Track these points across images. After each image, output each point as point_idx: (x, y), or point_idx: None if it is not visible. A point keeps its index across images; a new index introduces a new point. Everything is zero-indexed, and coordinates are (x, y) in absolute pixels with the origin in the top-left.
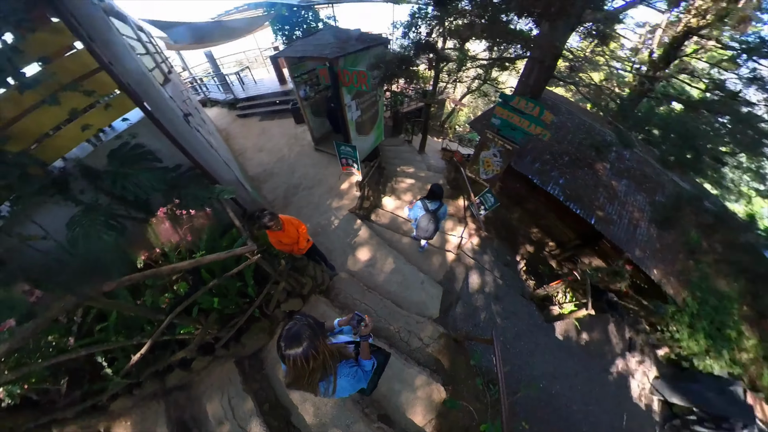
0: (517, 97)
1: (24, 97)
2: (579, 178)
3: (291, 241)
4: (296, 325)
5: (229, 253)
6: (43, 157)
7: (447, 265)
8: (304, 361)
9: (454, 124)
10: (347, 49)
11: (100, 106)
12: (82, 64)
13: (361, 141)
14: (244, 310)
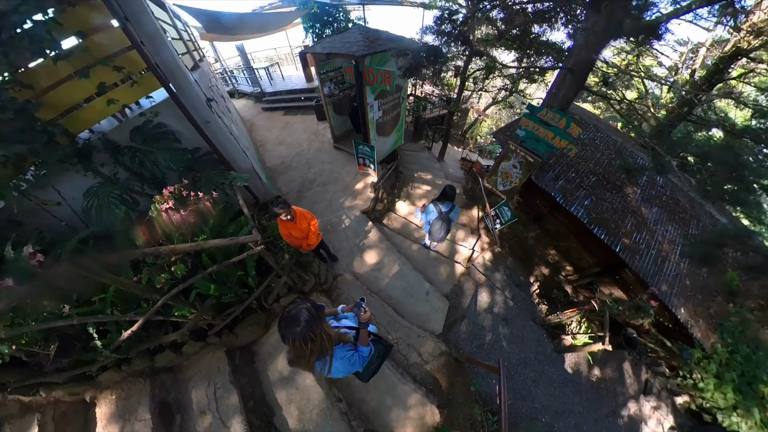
0: (545, 109)
1: (58, 68)
2: (606, 201)
3: (301, 234)
4: (296, 307)
5: (232, 241)
6: (71, 127)
7: (455, 277)
8: (302, 343)
9: (476, 135)
10: (374, 48)
11: (128, 84)
12: (116, 41)
13: (381, 142)
14: (242, 299)
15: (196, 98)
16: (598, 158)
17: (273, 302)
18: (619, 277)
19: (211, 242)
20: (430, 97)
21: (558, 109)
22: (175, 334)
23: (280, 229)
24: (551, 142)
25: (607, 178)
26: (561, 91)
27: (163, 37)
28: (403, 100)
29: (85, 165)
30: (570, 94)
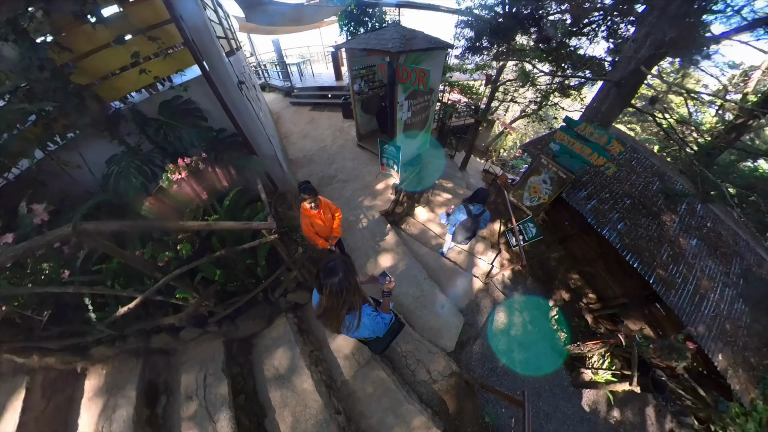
0: (584, 123)
1: (97, 34)
2: (641, 227)
3: (324, 227)
4: (334, 260)
5: (246, 225)
6: (103, 94)
7: (472, 293)
8: (338, 291)
9: (500, 147)
10: (410, 46)
11: (162, 57)
12: (155, 13)
13: (406, 144)
14: (248, 289)
15: (228, 79)
16: (634, 180)
17: (280, 296)
18: (648, 312)
19: (223, 224)
20: (458, 105)
21: (598, 124)
22: (174, 317)
23: (301, 218)
24: (588, 158)
25: (643, 202)
26: (603, 106)
27: (202, 14)
28: (432, 104)
29: (111, 132)
30: (614, 110)
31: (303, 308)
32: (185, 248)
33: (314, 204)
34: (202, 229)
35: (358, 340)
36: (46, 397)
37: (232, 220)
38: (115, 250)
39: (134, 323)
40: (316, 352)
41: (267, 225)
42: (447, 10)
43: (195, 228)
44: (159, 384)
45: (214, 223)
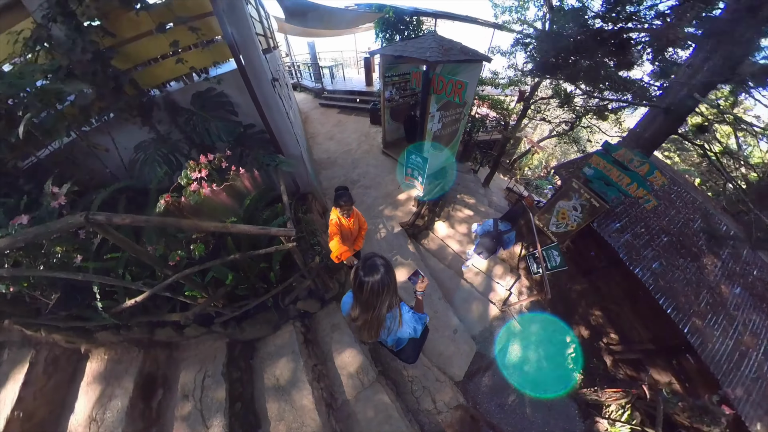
0: (624, 149)
1: (140, 20)
2: (678, 268)
3: (351, 236)
4: (373, 258)
5: (264, 230)
6: (141, 81)
7: (488, 319)
8: (379, 288)
9: (524, 166)
10: (449, 56)
11: (200, 49)
12: (199, 4)
13: (433, 156)
14: (258, 293)
15: (262, 75)
16: (673, 216)
17: (290, 303)
18: (678, 364)
19: (240, 227)
20: (487, 119)
21: (640, 151)
22: (180, 315)
23: (331, 224)
24: (625, 188)
25: (682, 241)
26: (647, 132)
27: (244, 9)
28: (464, 117)
29: (144, 119)
30: (658, 137)
31: (312, 317)
32: (198, 249)
33: (348, 213)
34: (218, 231)
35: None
36: (48, 374)
37: (251, 221)
38: (127, 244)
39: (140, 315)
40: (320, 366)
41: (285, 232)
42: (485, 23)
43: (211, 230)
44: (158, 377)
45: (230, 226)
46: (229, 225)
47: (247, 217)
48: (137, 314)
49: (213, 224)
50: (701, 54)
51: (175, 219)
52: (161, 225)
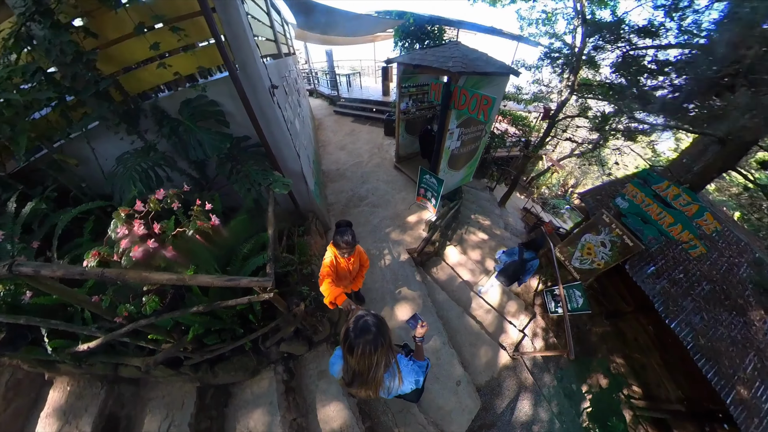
0: (666, 182)
1: (123, 20)
2: (722, 324)
3: (349, 275)
4: (363, 318)
5: (231, 282)
6: (127, 86)
7: (496, 368)
8: (373, 350)
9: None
10: (474, 68)
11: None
12: (188, 3)
13: (449, 175)
14: (235, 335)
15: (258, 82)
16: (715, 259)
17: (272, 345)
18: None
19: (201, 278)
20: (506, 135)
21: (687, 187)
22: (141, 360)
23: (325, 262)
24: (667, 229)
25: (726, 290)
26: (697, 164)
27: (238, 9)
28: (485, 134)
29: (129, 127)
30: (710, 171)
31: (297, 360)
32: (150, 304)
33: (348, 254)
34: (171, 283)
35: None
36: (7, 400)
37: (228, 257)
38: (65, 293)
39: (101, 356)
40: (300, 419)
41: (259, 283)
42: (510, 36)
43: (163, 281)
44: (121, 417)
45: (188, 278)
46: (186, 277)
47: (225, 251)
48: (98, 354)
49: (165, 276)
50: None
51: (117, 271)
52: (98, 279)
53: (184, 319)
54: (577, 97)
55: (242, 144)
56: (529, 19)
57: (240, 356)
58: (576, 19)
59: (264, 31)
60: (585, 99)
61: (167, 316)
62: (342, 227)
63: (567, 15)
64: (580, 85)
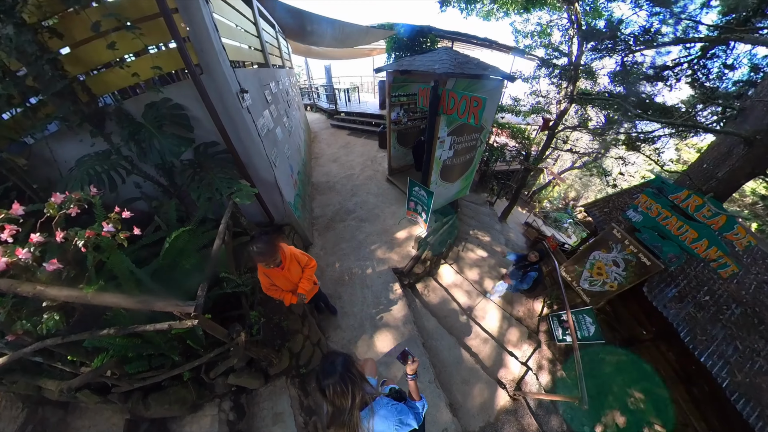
0: (686, 191)
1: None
2: (759, 355)
3: (289, 285)
4: (329, 358)
5: (141, 304)
6: (94, 87)
7: (493, 410)
8: (343, 388)
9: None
10: (462, 69)
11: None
12: (151, 3)
13: (442, 188)
14: (172, 362)
15: (224, 86)
16: (742, 277)
17: (218, 377)
18: None
19: (105, 299)
20: (506, 148)
21: (711, 196)
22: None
23: (259, 278)
24: (690, 245)
25: (759, 313)
26: (721, 170)
27: (201, 9)
28: (481, 144)
29: (93, 130)
30: (737, 177)
31: (250, 396)
32: (48, 323)
33: (273, 263)
34: (72, 301)
35: None
36: None
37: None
38: None
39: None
40: None
41: (179, 307)
42: (503, 47)
43: (60, 298)
44: None
45: (92, 296)
46: (89, 294)
47: (166, 265)
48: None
49: (65, 292)
50: None
51: (9, 281)
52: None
53: (99, 342)
54: (577, 108)
55: (209, 150)
56: (524, 31)
57: (177, 387)
58: (571, 29)
59: (248, 39)
60: (585, 109)
61: (73, 338)
62: (253, 238)
63: (562, 26)
64: (578, 94)
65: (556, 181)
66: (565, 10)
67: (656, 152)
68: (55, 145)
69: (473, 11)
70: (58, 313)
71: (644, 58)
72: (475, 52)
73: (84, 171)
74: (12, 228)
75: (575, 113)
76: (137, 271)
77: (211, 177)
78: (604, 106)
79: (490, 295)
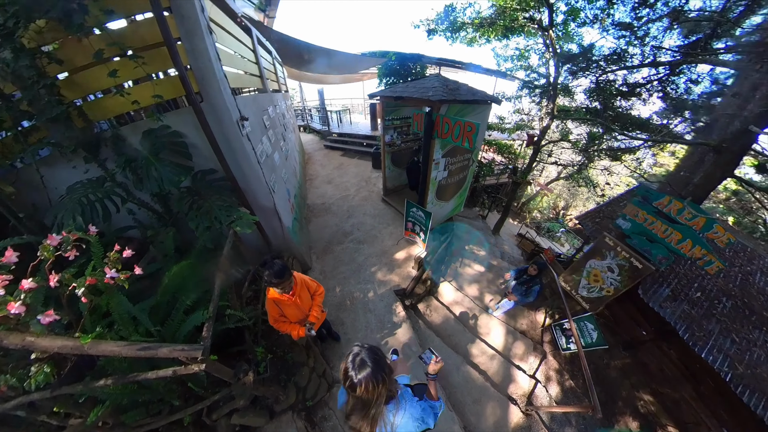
0: (668, 197)
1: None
2: (756, 345)
3: (299, 314)
4: (359, 352)
5: (144, 352)
6: (91, 113)
7: (507, 429)
8: (374, 383)
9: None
10: (454, 96)
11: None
12: (153, 32)
13: (438, 207)
14: (172, 407)
15: (224, 114)
16: (727, 271)
17: (220, 418)
18: None
19: (104, 348)
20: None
21: (690, 200)
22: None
23: (268, 308)
24: (676, 246)
25: (748, 304)
26: (696, 176)
27: (204, 39)
28: (472, 163)
29: (87, 156)
30: (711, 181)
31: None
32: (38, 377)
33: (287, 288)
34: (66, 352)
35: None
36: None
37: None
38: None
39: None
40: None
41: (185, 353)
42: (486, 71)
43: (53, 349)
44: None
45: (89, 346)
46: (84, 344)
47: (164, 302)
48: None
49: (58, 342)
50: (748, 80)
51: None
52: None
53: (93, 392)
54: (558, 123)
55: (207, 178)
56: (504, 56)
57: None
58: (547, 53)
59: (247, 66)
60: (565, 123)
61: (66, 390)
62: (267, 263)
63: (538, 50)
64: (559, 111)
65: (544, 192)
66: (540, 36)
67: (637, 161)
68: (45, 170)
69: (458, 38)
70: (48, 365)
71: (616, 76)
72: (459, 75)
73: (76, 199)
74: (4, 278)
75: (557, 128)
76: (137, 312)
77: (210, 205)
78: (583, 121)
79: (493, 312)
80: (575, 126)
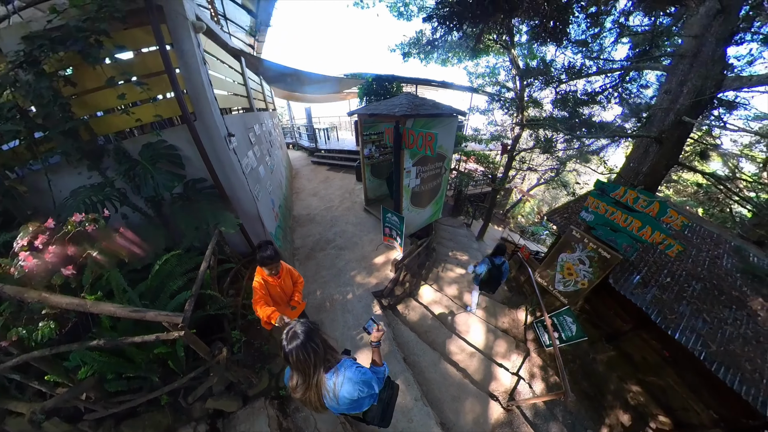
0: (622, 188)
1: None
2: (727, 323)
3: (283, 297)
4: (294, 326)
5: (136, 314)
6: (97, 128)
7: (488, 425)
8: (305, 353)
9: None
10: (417, 111)
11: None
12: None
13: (414, 213)
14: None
15: (215, 131)
16: (695, 255)
17: (195, 401)
18: None
19: (103, 307)
20: (474, 173)
21: (642, 188)
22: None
23: (255, 287)
24: (638, 234)
25: (717, 285)
26: (644, 166)
27: (198, 69)
28: (445, 171)
29: (90, 164)
30: (658, 169)
31: (227, 419)
32: (44, 330)
33: (275, 271)
34: (73, 308)
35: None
36: None
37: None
38: None
39: None
40: None
41: (169, 317)
42: (459, 87)
43: (62, 305)
44: None
45: (91, 304)
46: (89, 302)
47: (155, 285)
48: None
49: (66, 299)
50: (675, 78)
51: (17, 288)
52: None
53: (83, 356)
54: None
55: (198, 186)
56: (476, 73)
57: (153, 412)
58: (513, 69)
59: (236, 88)
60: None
61: (63, 348)
62: (262, 246)
63: (506, 67)
64: (528, 121)
65: (527, 198)
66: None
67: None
68: (52, 175)
69: (431, 59)
70: (53, 322)
71: (576, 86)
72: (433, 93)
73: (80, 200)
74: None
75: (530, 136)
76: (129, 290)
77: (199, 208)
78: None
79: (471, 308)
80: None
